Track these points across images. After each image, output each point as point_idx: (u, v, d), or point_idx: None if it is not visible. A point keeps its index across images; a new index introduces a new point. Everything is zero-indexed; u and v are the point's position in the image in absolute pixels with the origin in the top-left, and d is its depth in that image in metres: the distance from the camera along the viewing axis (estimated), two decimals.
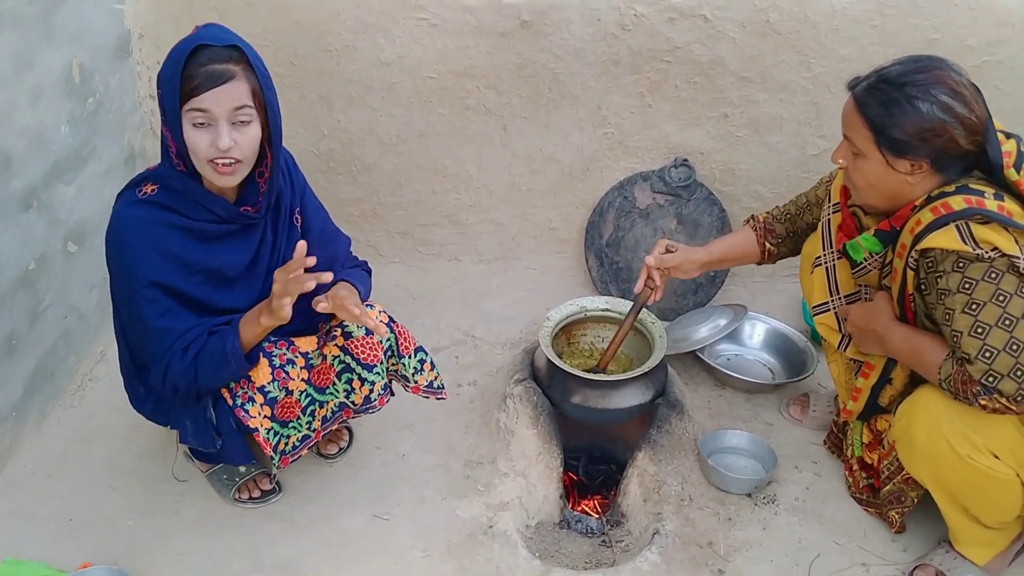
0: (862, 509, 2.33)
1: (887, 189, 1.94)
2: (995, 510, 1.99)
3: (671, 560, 2.18)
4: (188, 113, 1.84)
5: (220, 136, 1.84)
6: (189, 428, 2.12)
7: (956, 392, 1.84)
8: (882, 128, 1.87)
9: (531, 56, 2.99)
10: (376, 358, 2.12)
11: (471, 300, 3.21)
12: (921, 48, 2.82)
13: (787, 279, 3.23)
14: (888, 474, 2.19)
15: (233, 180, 1.93)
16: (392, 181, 3.25)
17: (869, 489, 2.31)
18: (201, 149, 1.86)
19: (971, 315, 1.80)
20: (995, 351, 1.76)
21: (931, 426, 1.93)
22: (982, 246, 1.79)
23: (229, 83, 1.83)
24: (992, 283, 1.79)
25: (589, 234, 3.23)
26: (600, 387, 2.43)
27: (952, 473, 1.94)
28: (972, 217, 1.81)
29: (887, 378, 2.16)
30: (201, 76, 1.81)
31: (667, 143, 3.13)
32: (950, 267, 1.83)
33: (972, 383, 1.79)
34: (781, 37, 2.90)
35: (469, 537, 2.26)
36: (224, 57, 1.84)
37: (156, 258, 1.93)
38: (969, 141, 1.83)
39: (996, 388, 1.76)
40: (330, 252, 2.27)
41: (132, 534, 2.26)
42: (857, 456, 2.33)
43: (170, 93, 1.83)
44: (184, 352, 1.96)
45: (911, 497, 2.17)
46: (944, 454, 1.92)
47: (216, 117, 1.84)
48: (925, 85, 1.82)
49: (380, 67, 3.03)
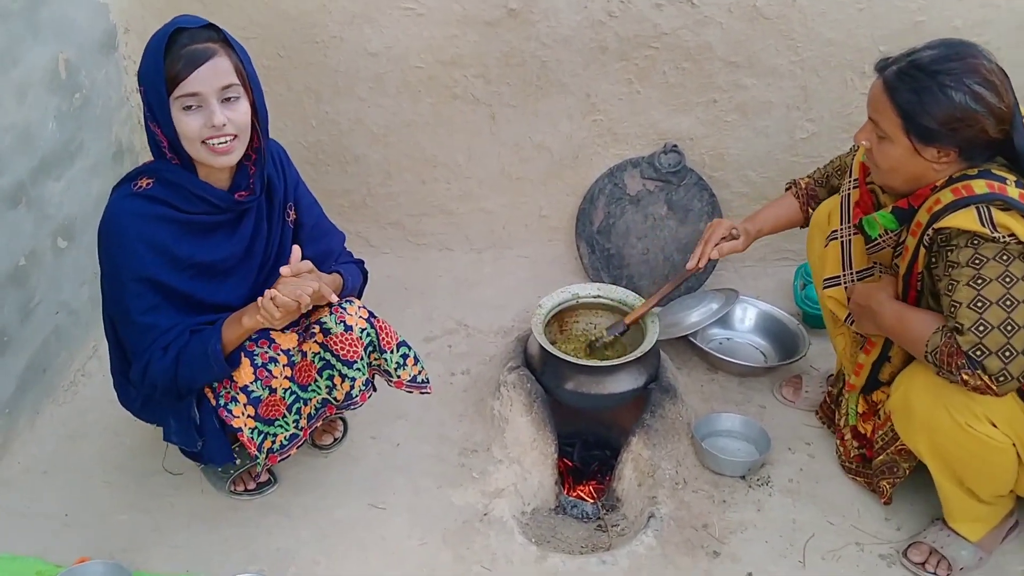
0: (850, 479, 2.35)
1: (910, 173, 1.93)
2: (990, 481, 2.00)
3: (666, 543, 2.19)
4: (177, 100, 1.84)
5: (213, 113, 1.85)
6: (173, 426, 2.11)
7: (940, 365, 1.84)
8: (912, 115, 1.84)
9: (518, 44, 2.99)
10: (356, 354, 2.10)
11: (463, 289, 3.21)
12: (907, 30, 2.83)
13: (778, 263, 3.24)
14: (882, 444, 2.20)
15: (232, 158, 1.93)
16: (381, 172, 3.25)
17: (860, 459, 2.33)
18: (194, 131, 1.86)
19: (974, 288, 1.79)
20: (989, 327, 1.77)
21: (931, 394, 1.93)
22: (999, 230, 1.78)
23: (212, 60, 1.84)
24: (1002, 264, 1.78)
25: (580, 221, 3.23)
26: (593, 373, 2.44)
27: (950, 442, 1.95)
28: (993, 202, 1.81)
29: (886, 355, 2.17)
30: (184, 59, 1.81)
31: (656, 129, 3.13)
32: (964, 243, 1.82)
33: (959, 355, 1.79)
34: (768, 21, 2.90)
35: (465, 524, 2.27)
36: (203, 37, 1.85)
37: (146, 252, 1.93)
38: (998, 130, 1.82)
39: (981, 363, 1.77)
40: (324, 247, 2.27)
41: (127, 528, 2.26)
42: (851, 425, 2.34)
43: (155, 84, 1.83)
44: (164, 351, 1.96)
45: (903, 468, 2.18)
46: (943, 422, 1.92)
47: (206, 97, 1.84)
48: (959, 74, 1.80)
49: (367, 58, 3.02)
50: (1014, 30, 2.85)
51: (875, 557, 2.17)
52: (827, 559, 2.16)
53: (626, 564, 2.14)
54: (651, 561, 2.15)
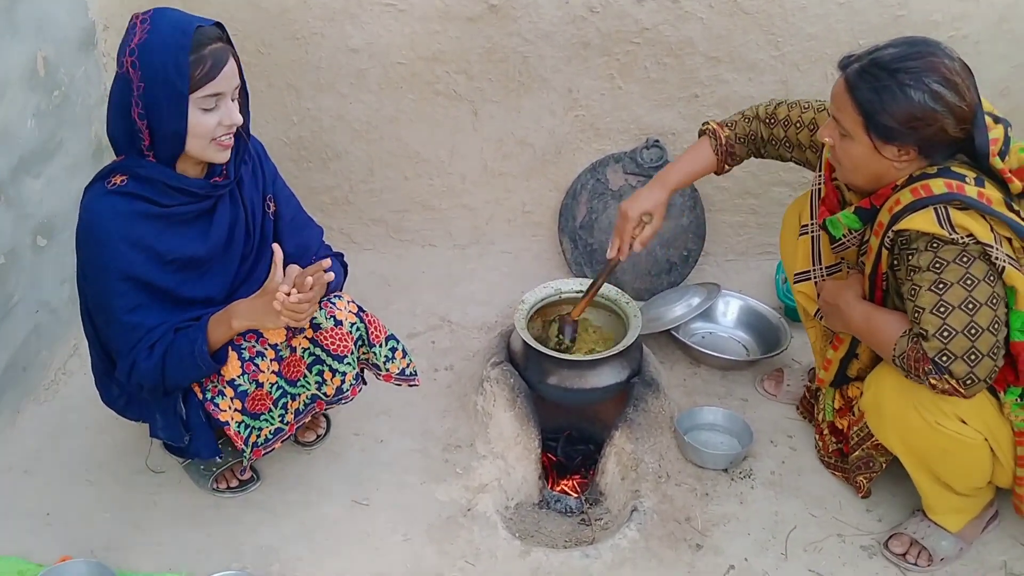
0: (830, 473, 2.37)
1: (872, 171, 1.93)
2: (965, 476, 2.02)
3: (650, 536, 2.20)
4: (199, 100, 1.84)
5: (231, 113, 1.89)
6: (159, 422, 2.11)
7: (908, 369, 1.86)
8: (872, 114, 1.84)
9: (500, 40, 2.99)
10: (346, 348, 2.10)
11: (446, 285, 3.21)
12: (887, 24, 2.85)
13: (760, 257, 3.25)
14: (857, 440, 2.21)
15: (229, 153, 1.96)
16: (364, 168, 3.24)
17: (838, 453, 2.35)
18: (209, 130, 1.88)
19: (936, 293, 1.80)
20: (953, 332, 1.78)
21: (900, 394, 1.96)
22: (958, 231, 1.79)
23: (230, 62, 1.87)
24: (962, 267, 1.79)
25: (563, 217, 3.24)
26: (576, 367, 2.45)
27: (922, 440, 1.97)
28: (951, 202, 1.81)
29: (854, 352, 2.19)
30: (210, 59, 1.83)
31: (638, 124, 3.14)
32: (923, 246, 1.83)
33: (925, 361, 1.81)
34: (749, 16, 2.91)
35: (449, 520, 2.27)
36: (217, 36, 1.87)
37: (128, 250, 1.92)
38: (958, 129, 1.82)
39: (948, 368, 1.78)
40: (303, 240, 2.27)
41: (110, 527, 2.25)
42: (828, 421, 2.36)
43: (173, 82, 1.80)
44: (150, 351, 1.95)
45: (879, 463, 2.20)
46: (913, 422, 1.94)
47: (224, 97, 1.88)
48: (917, 72, 1.80)
49: (348, 54, 3.01)
50: (992, 24, 2.87)
51: (857, 548, 2.18)
52: (809, 551, 2.18)
53: (609, 558, 2.15)
54: (634, 554, 2.16)
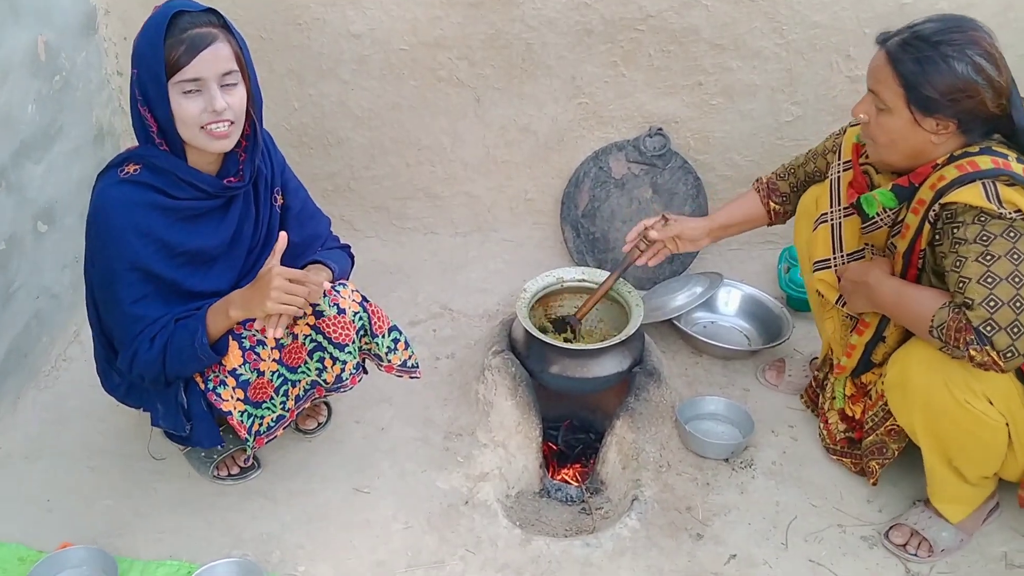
0: (835, 460, 2.36)
1: (909, 147, 1.93)
2: (980, 460, 2.01)
3: (650, 525, 2.20)
4: (177, 84, 1.83)
5: (214, 99, 1.85)
6: (160, 411, 2.11)
7: (947, 341, 1.83)
8: (915, 85, 1.85)
9: (503, 26, 2.97)
10: (348, 337, 2.10)
11: (448, 273, 3.21)
12: (893, 13, 2.83)
13: (762, 246, 3.24)
14: (872, 425, 2.20)
15: (228, 143, 1.93)
16: (365, 155, 3.23)
17: (846, 442, 2.34)
18: (193, 116, 1.85)
19: (983, 265, 1.80)
20: (1000, 302, 1.77)
21: (931, 369, 1.93)
22: (1006, 206, 1.79)
23: (214, 45, 1.83)
24: (1009, 241, 1.79)
25: (565, 205, 3.23)
26: (578, 356, 2.44)
27: (946, 417, 1.94)
28: (998, 177, 1.82)
29: (881, 335, 2.17)
30: (186, 43, 1.80)
31: (641, 112, 3.12)
32: (970, 219, 1.83)
33: (968, 330, 1.79)
34: (754, 4, 2.89)
35: (450, 508, 2.27)
36: (204, 21, 1.85)
37: (138, 241, 1.92)
38: (996, 104, 1.84)
39: (991, 339, 1.77)
40: (311, 231, 2.27)
41: (111, 513, 2.25)
42: (838, 408, 2.34)
43: (152, 67, 1.81)
44: (151, 342, 1.95)
45: (892, 449, 2.18)
46: (941, 398, 1.92)
47: (207, 82, 1.84)
48: (961, 45, 1.82)
49: (350, 39, 3.00)
50: (999, 13, 2.85)
51: (857, 539, 2.18)
52: (809, 541, 2.18)
53: (610, 547, 2.15)
54: (635, 544, 2.16)
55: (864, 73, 1.99)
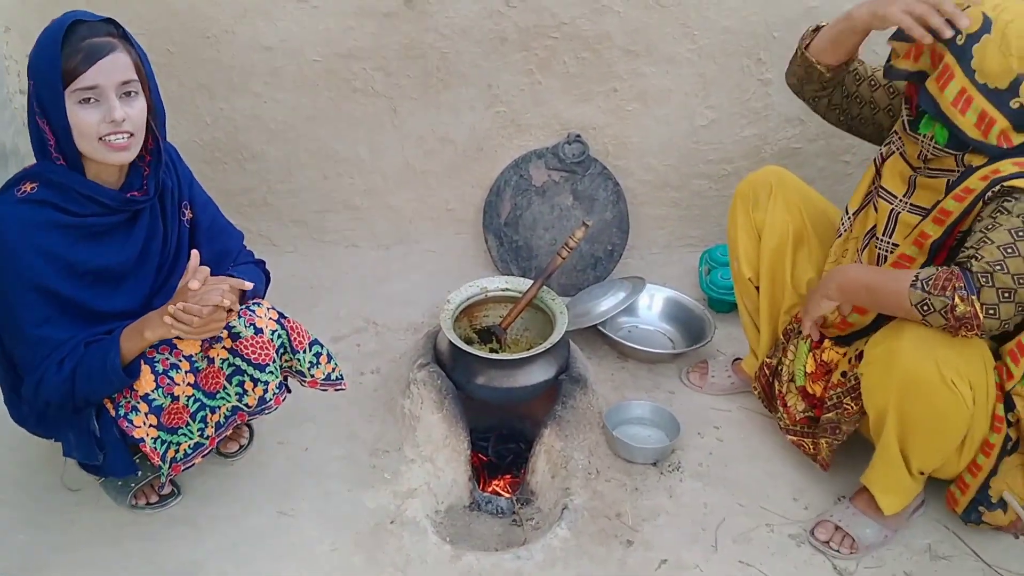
0: (793, 443, 2.35)
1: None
2: (935, 448, 2.01)
3: (581, 534, 2.20)
4: (73, 93, 1.77)
5: (113, 108, 1.80)
6: (72, 441, 2.03)
7: (930, 290, 1.82)
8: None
9: (417, 36, 2.95)
10: (268, 357, 2.05)
11: (371, 286, 3.17)
12: (799, 17, 2.88)
13: (683, 249, 3.28)
14: (831, 403, 2.21)
15: (128, 156, 1.87)
16: (282, 168, 3.17)
17: (807, 420, 2.33)
18: (91, 126, 1.80)
19: (1012, 237, 1.81)
20: (1005, 269, 1.78)
21: (921, 346, 1.91)
22: None
23: (112, 55, 1.79)
24: None
25: (487, 214, 3.22)
26: (504, 366, 2.43)
27: (921, 398, 1.94)
28: None
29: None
30: (83, 51, 1.76)
31: (559, 119, 3.13)
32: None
33: (958, 278, 1.79)
34: (665, 10, 2.93)
35: (377, 527, 2.23)
36: (102, 31, 1.80)
37: (39, 261, 1.85)
38: None
39: (979, 289, 1.77)
40: (221, 246, 2.21)
41: (24, 547, 2.15)
42: (800, 386, 2.34)
43: (49, 77, 1.76)
44: (59, 366, 1.88)
45: (843, 431, 2.19)
46: (926, 376, 1.91)
47: (105, 91, 1.79)
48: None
49: (262, 52, 2.94)
50: None
51: (785, 537, 2.21)
52: (739, 541, 2.20)
53: (541, 558, 2.14)
54: (566, 553, 2.15)
55: (775, 76, 2.01)
